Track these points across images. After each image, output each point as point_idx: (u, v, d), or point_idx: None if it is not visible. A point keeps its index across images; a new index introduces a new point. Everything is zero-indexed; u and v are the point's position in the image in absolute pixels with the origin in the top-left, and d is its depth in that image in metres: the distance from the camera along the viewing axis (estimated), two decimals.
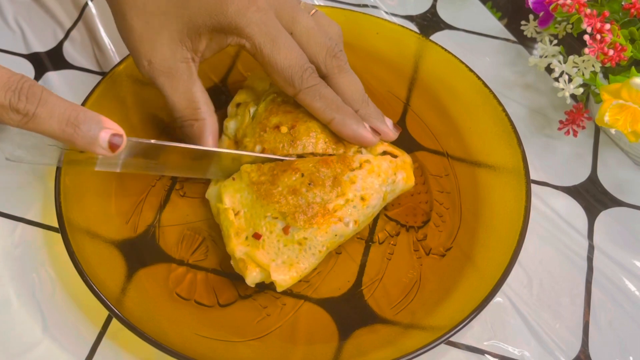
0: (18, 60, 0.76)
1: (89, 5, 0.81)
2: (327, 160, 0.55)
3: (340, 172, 0.55)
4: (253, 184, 0.55)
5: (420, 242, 0.60)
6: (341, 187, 0.54)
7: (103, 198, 0.61)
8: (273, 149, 0.57)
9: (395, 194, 0.59)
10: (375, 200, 0.56)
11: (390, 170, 0.57)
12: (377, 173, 0.56)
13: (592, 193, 0.66)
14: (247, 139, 0.59)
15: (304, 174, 0.54)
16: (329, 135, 0.58)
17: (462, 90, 0.67)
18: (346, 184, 0.54)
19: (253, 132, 0.59)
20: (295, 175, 0.55)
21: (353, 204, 0.54)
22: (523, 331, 0.57)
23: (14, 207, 0.64)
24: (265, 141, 0.58)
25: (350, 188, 0.54)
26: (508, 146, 0.62)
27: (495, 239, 0.58)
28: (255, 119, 0.60)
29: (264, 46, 0.55)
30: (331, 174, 0.54)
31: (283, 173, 0.55)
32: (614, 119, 0.60)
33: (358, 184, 0.55)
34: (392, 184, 0.57)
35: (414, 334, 0.53)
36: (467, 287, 0.56)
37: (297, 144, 0.57)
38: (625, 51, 0.61)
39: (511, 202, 0.59)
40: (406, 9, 0.84)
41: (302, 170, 0.55)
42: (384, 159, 0.57)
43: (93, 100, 0.64)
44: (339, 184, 0.54)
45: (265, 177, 0.55)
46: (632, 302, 0.59)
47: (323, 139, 0.57)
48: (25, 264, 0.60)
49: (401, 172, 0.58)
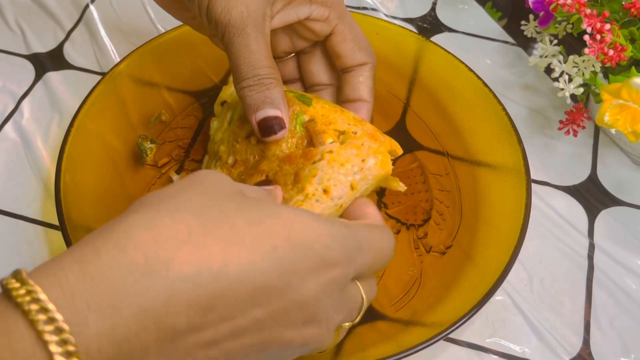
0: (18, 61, 0.77)
1: (89, 7, 0.82)
2: (291, 156, 0.52)
3: (301, 167, 0.52)
4: None
5: (420, 240, 0.60)
6: (301, 182, 0.51)
7: (103, 195, 0.61)
8: (245, 160, 0.55)
9: (370, 182, 0.54)
10: (339, 191, 0.52)
11: (355, 158, 0.52)
12: (339, 162, 0.51)
13: (592, 193, 0.67)
14: (222, 148, 0.58)
15: (267, 175, 0.53)
16: (300, 142, 0.55)
17: (462, 90, 0.67)
18: (306, 179, 0.51)
19: (228, 141, 0.57)
20: (260, 177, 0.53)
21: (315, 198, 0.51)
22: (524, 329, 0.57)
23: (14, 205, 0.64)
24: (237, 152, 0.56)
25: (310, 182, 0.51)
26: (508, 145, 0.62)
27: (495, 237, 0.58)
28: (230, 126, 0.58)
29: (342, 18, 0.57)
30: (293, 171, 0.52)
31: (250, 177, 0.53)
32: (614, 118, 0.60)
33: (318, 177, 0.51)
34: (359, 172, 0.52)
35: (414, 330, 0.53)
36: (468, 284, 0.56)
37: (267, 153, 0.54)
38: (625, 51, 0.61)
39: (511, 201, 0.59)
40: (406, 11, 0.84)
41: (266, 171, 0.53)
42: (350, 146, 0.52)
43: (92, 99, 0.64)
44: (299, 179, 0.51)
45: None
46: (633, 300, 0.59)
47: (294, 146, 0.54)
48: (25, 261, 0.60)
49: (372, 158, 0.53)
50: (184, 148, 0.67)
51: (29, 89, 0.74)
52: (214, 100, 0.61)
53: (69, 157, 0.59)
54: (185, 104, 0.70)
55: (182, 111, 0.69)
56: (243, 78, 0.51)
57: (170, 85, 0.69)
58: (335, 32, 0.57)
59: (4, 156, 0.68)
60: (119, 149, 0.64)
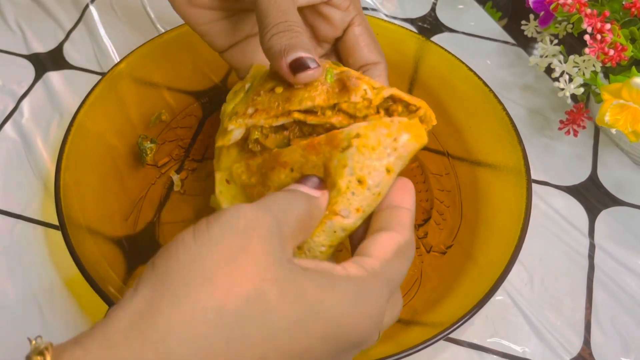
0: (18, 61, 0.76)
1: (89, 7, 0.82)
2: (314, 144, 0.47)
3: (329, 157, 0.46)
4: (245, 187, 0.50)
5: (421, 240, 0.60)
6: (332, 176, 0.46)
7: (103, 195, 0.61)
8: (267, 109, 0.50)
9: (407, 159, 0.49)
10: (375, 178, 0.47)
11: (386, 138, 0.47)
12: (370, 147, 0.46)
13: (592, 193, 0.66)
14: (239, 106, 0.53)
15: (292, 168, 0.47)
16: (331, 90, 0.50)
17: (462, 90, 0.67)
18: (337, 171, 0.46)
19: (246, 100, 0.53)
20: (284, 171, 0.48)
21: (350, 192, 0.46)
22: (525, 329, 0.57)
23: (13, 205, 0.64)
24: (258, 103, 0.51)
25: (342, 175, 0.46)
26: (508, 145, 0.62)
27: (495, 236, 0.58)
28: (249, 91, 0.55)
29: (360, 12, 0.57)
30: (320, 162, 0.46)
31: (272, 171, 0.48)
32: (615, 118, 0.60)
33: (350, 167, 0.46)
34: (393, 152, 0.47)
35: (415, 330, 0.53)
36: (468, 284, 0.56)
37: (293, 100, 0.49)
38: (626, 51, 0.61)
39: (512, 200, 0.59)
40: (406, 11, 0.84)
41: (290, 164, 0.47)
42: (379, 125, 0.47)
43: (92, 99, 0.64)
44: (329, 173, 0.46)
45: (255, 177, 0.49)
46: (634, 300, 0.59)
47: (324, 93, 0.49)
48: (24, 261, 0.60)
49: (405, 133, 0.47)
50: (184, 148, 0.67)
51: (28, 89, 0.74)
52: (214, 100, 0.61)
53: (68, 157, 0.59)
54: (185, 103, 0.70)
55: (182, 111, 0.69)
56: (274, 24, 0.49)
57: (170, 85, 0.69)
58: (354, 24, 0.56)
59: (4, 156, 0.68)
60: (118, 148, 0.64)
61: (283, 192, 0.43)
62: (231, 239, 0.35)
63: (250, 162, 0.50)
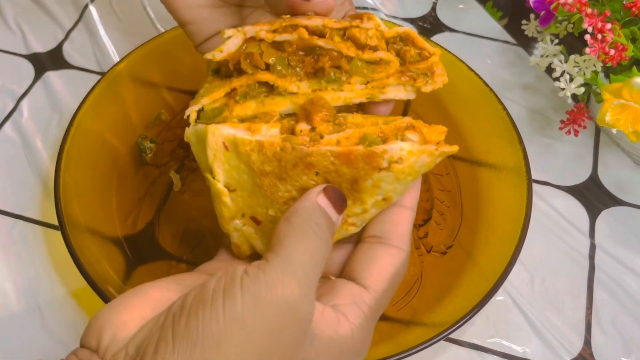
0: (18, 61, 0.76)
1: (89, 7, 0.82)
2: (350, 156, 0.42)
3: (363, 175, 0.42)
4: (254, 170, 0.43)
5: (421, 240, 0.60)
6: (361, 193, 0.43)
7: (102, 195, 0.61)
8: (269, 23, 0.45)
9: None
10: (398, 196, 0.45)
11: (425, 167, 0.44)
12: (408, 173, 0.43)
13: (593, 193, 0.66)
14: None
15: (318, 172, 0.43)
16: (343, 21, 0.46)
17: (463, 90, 0.67)
18: (367, 190, 0.43)
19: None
20: (308, 173, 0.43)
21: (372, 207, 0.44)
22: (525, 329, 0.57)
23: (12, 205, 0.64)
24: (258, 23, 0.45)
25: (372, 194, 0.43)
26: (509, 145, 0.62)
27: (496, 236, 0.58)
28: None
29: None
30: (351, 175, 0.42)
31: (294, 168, 0.43)
32: (615, 118, 0.60)
33: (382, 189, 0.43)
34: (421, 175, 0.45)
35: (415, 330, 0.53)
36: (468, 284, 0.55)
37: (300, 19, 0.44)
38: (627, 51, 0.61)
39: (512, 200, 0.59)
40: (406, 11, 0.84)
41: (317, 167, 0.42)
42: (422, 153, 0.42)
43: (92, 99, 0.64)
44: (359, 190, 0.43)
45: (270, 166, 0.43)
46: (635, 300, 0.59)
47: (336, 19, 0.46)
48: (24, 261, 0.60)
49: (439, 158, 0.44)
50: (184, 148, 0.66)
51: (28, 89, 0.73)
52: None
53: (68, 157, 0.59)
54: (185, 103, 0.69)
55: (181, 111, 0.69)
56: None
57: (170, 85, 0.69)
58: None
59: (3, 156, 0.68)
60: (118, 148, 0.64)
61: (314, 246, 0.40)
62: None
63: (266, 145, 0.42)
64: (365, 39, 0.45)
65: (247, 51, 0.45)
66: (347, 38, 0.45)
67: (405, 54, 0.46)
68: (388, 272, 0.43)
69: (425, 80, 0.48)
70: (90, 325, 0.38)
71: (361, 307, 0.41)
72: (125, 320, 0.37)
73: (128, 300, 0.39)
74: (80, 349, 0.37)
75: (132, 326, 0.37)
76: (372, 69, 0.46)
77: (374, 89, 0.47)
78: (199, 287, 0.35)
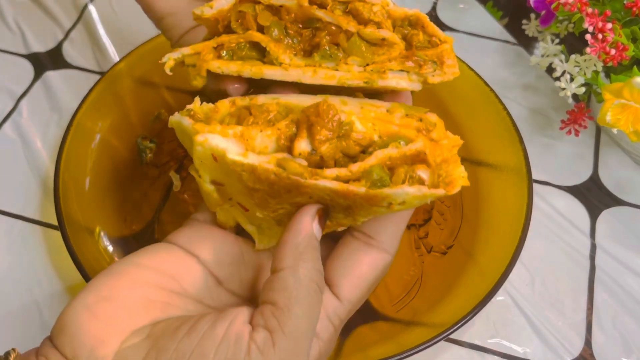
0: (17, 60, 0.76)
1: (88, 6, 0.81)
2: (350, 195, 0.38)
3: (358, 207, 0.39)
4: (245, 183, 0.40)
5: (421, 240, 0.60)
6: (354, 215, 0.40)
7: (102, 195, 0.60)
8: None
9: None
10: None
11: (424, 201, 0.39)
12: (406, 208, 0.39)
13: (593, 193, 0.66)
14: None
15: (312, 196, 0.39)
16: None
17: (463, 90, 0.66)
18: (362, 214, 0.40)
19: None
20: (302, 197, 0.39)
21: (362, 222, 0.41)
22: (526, 329, 0.57)
23: (12, 205, 0.64)
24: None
25: (365, 216, 0.40)
26: (509, 145, 0.62)
27: (496, 236, 0.57)
28: None
29: None
30: (347, 205, 0.39)
31: (287, 193, 0.39)
32: (616, 118, 0.60)
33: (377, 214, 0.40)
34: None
35: (415, 331, 0.53)
36: (469, 284, 0.55)
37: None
38: (627, 50, 0.60)
39: (513, 200, 0.59)
40: None
41: (311, 194, 0.39)
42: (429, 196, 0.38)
43: (92, 99, 0.64)
44: (352, 212, 0.40)
45: (261, 185, 0.40)
46: (635, 300, 0.59)
47: None
48: (23, 261, 0.60)
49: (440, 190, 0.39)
50: (184, 148, 0.66)
51: (27, 89, 0.73)
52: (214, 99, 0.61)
53: (67, 157, 0.59)
54: (185, 103, 0.69)
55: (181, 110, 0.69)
56: None
57: (169, 85, 0.69)
58: None
59: (3, 155, 0.67)
60: (118, 148, 0.64)
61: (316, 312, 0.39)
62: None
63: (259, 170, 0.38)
64: (369, 14, 0.41)
65: (240, 9, 0.41)
66: (349, 12, 0.41)
67: (412, 38, 0.42)
68: (367, 279, 0.41)
69: (433, 69, 0.43)
70: (64, 326, 0.37)
71: (333, 322, 0.40)
72: (102, 337, 0.36)
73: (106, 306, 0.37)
74: (52, 349, 0.36)
75: (111, 343, 0.36)
76: (372, 50, 0.42)
77: (372, 72, 0.42)
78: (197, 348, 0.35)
